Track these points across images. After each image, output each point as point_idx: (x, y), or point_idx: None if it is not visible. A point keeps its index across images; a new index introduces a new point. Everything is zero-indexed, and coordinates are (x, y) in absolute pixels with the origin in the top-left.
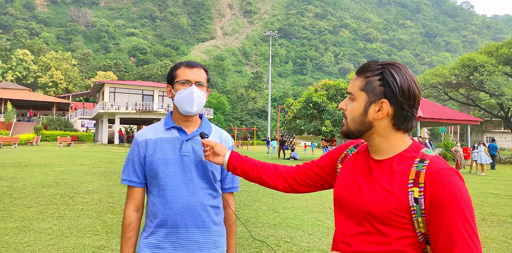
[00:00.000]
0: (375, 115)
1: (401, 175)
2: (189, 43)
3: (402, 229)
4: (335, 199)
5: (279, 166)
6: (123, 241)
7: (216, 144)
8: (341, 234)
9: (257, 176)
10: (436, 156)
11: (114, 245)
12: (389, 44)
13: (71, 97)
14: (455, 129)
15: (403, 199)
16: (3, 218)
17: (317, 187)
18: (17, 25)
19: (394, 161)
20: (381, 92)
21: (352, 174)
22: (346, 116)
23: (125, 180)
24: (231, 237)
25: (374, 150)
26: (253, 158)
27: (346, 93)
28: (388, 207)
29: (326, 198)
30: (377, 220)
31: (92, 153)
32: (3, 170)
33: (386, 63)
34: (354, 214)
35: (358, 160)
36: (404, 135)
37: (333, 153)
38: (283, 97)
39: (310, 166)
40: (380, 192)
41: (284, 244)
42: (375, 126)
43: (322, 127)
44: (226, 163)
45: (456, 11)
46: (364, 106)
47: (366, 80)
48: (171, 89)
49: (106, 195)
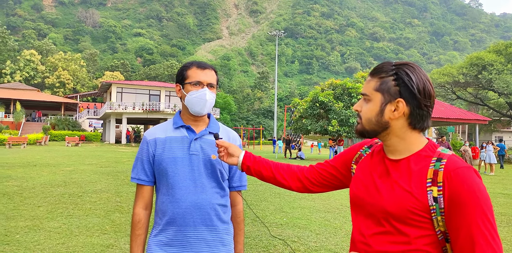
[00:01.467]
0: (391, 115)
1: (418, 174)
2: (195, 43)
3: (421, 228)
4: (352, 199)
5: (292, 166)
6: (133, 239)
7: (230, 145)
8: (359, 234)
9: (271, 176)
10: (453, 155)
11: (123, 244)
12: (396, 43)
13: (79, 98)
14: (463, 128)
15: (422, 198)
16: (14, 217)
17: (331, 187)
18: (26, 26)
19: (411, 160)
20: (396, 92)
21: (368, 174)
22: (362, 117)
23: (134, 178)
24: (239, 235)
25: (390, 150)
26: (266, 158)
27: (353, 93)
28: (406, 206)
29: (333, 198)
30: (396, 220)
31: (99, 153)
32: (12, 170)
33: (400, 63)
34: (372, 214)
35: (374, 160)
36: (420, 135)
37: (346, 153)
38: (289, 97)
39: (324, 166)
40: (398, 191)
41: (291, 244)
42: (391, 126)
43: (329, 126)
44: (240, 164)
45: (464, 10)
46: (380, 106)
47: (380, 81)
48: (181, 89)
49: (114, 194)
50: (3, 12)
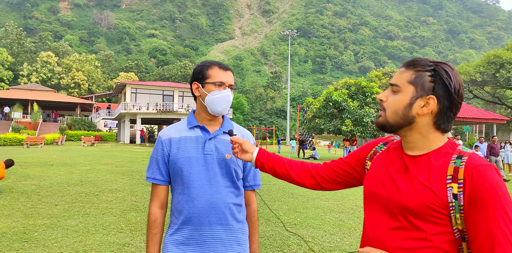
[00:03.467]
0: (420, 110)
1: (438, 170)
2: (208, 44)
3: (439, 225)
4: (366, 195)
5: (306, 163)
6: (149, 238)
7: (244, 141)
8: (371, 231)
9: (285, 173)
10: (473, 153)
11: (138, 242)
12: (410, 42)
13: (94, 98)
14: (480, 128)
15: (442, 195)
16: (32, 215)
17: (345, 184)
18: (42, 28)
19: (431, 156)
20: (430, 88)
21: (385, 169)
22: (386, 108)
23: (149, 178)
24: (254, 234)
25: (409, 146)
26: (280, 155)
27: (367, 92)
28: (425, 202)
29: (347, 198)
30: (413, 215)
31: (115, 153)
32: (30, 169)
33: (438, 61)
34: (388, 209)
35: (390, 156)
36: (441, 135)
37: (361, 150)
38: (302, 96)
39: (338, 163)
40: (417, 187)
41: (305, 244)
42: (416, 122)
43: (342, 126)
44: (254, 160)
45: (481, 7)
46: (410, 99)
47: (416, 74)
48: (199, 87)
49: (129, 194)
50: (20, 15)
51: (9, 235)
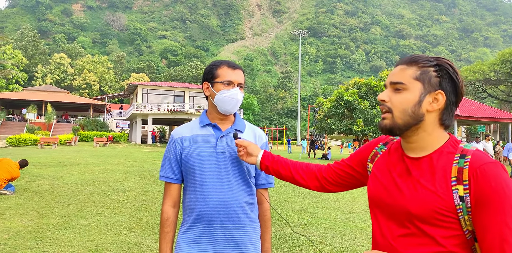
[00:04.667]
0: (429, 106)
1: (442, 172)
2: (218, 44)
3: (448, 229)
4: (371, 200)
5: (311, 165)
6: (162, 236)
7: (249, 144)
8: (381, 237)
9: (289, 176)
10: (476, 150)
11: (149, 242)
12: (423, 41)
13: (106, 99)
14: (494, 128)
15: (448, 198)
16: (45, 214)
17: (349, 186)
18: (56, 30)
19: (433, 158)
20: (437, 83)
21: (387, 173)
22: (392, 108)
23: (162, 176)
24: (266, 233)
25: (411, 147)
26: (285, 158)
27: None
28: (431, 207)
29: (358, 198)
30: (421, 221)
31: (126, 153)
32: (44, 169)
33: (438, 57)
34: (394, 216)
35: (391, 158)
36: (443, 131)
37: (361, 151)
38: (313, 96)
39: (340, 165)
40: (422, 191)
41: (316, 244)
42: (425, 119)
43: (354, 126)
44: (259, 163)
45: (495, 5)
46: (419, 96)
47: (421, 70)
48: (209, 87)
49: (141, 193)
50: (35, 17)
51: (23, 234)
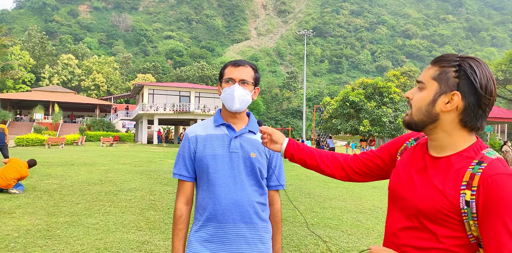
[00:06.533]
0: (443, 107)
1: (455, 175)
2: (224, 45)
3: (451, 229)
4: (390, 191)
5: (337, 154)
6: (175, 233)
7: (274, 131)
8: (391, 226)
9: (315, 165)
10: (497, 159)
11: (157, 240)
12: (429, 40)
13: (112, 99)
14: (502, 128)
15: (454, 201)
16: (54, 213)
17: (375, 177)
18: (62, 31)
19: (452, 160)
20: (454, 84)
21: (408, 168)
22: (412, 105)
23: (176, 174)
24: (277, 233)
25: (434, 145)
26: (310, 146)
27: (384, 92)
28: (437, 206)
29: (364, 198)
30: (425, 217)
31: (133, 153)
32: (52, 169)
33: (466, 56)
34: (404, 209)
35: (415, 154)
36: (468, 134)
37: (393, 144)
38: (318, 96)
39: (369, 156)
40: (432, 190)
41: (323, 244)
42: (440, 119)
43: (360, 126)
44: (283, 151)
45: (503, 4)
46: (434, 96)
47: (440, 70)
48: (219, 87)
49: (148, 193)
50: (42, 18)
51: (33, 232)
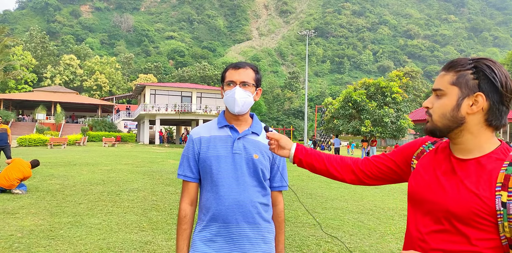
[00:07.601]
0: (469, 109)
1: (488, 177)
2: (225, 45)
3: (484, 231)
4: (410, 195)
5: (346, 158)
6: (179, 233)
7: (281, 137)
8: (416, 231)
9: (324, 169)
10: None
11: (160, 240)
12: (431, 40)
13: (114, 100)
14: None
15: (489, 202)
16: (57, 214)
17: (387, 180)
18: (64, 32)
19: (481, 161)
20: (475, 85)
21: (431, 170)
22: (432, 113)
23: (180, 175)
24: (280, 234)
25: (459, 148)
26: (318, 151)
27: (386, 92)
28: (471, 208)
29: (366, 199)
30: (458, 220)
31: (135, 153)
32: (55, 169)
33: (478, 58)
34: (432, 212)
35: (438, 157)
36: (492, 134)
37: (407, 148)
38: (320, 97)
39: (381, 159)
40: (464, 192)
41: (325, 244)
42: (467, 122)
43: (362, 127)
44: (292, 156)
45: (505, 3)
46: (457, 100)
47: (457, 75)
48: (222, 89)
49: (150, 193)
50: (44, 19)
51: (36, 232)
